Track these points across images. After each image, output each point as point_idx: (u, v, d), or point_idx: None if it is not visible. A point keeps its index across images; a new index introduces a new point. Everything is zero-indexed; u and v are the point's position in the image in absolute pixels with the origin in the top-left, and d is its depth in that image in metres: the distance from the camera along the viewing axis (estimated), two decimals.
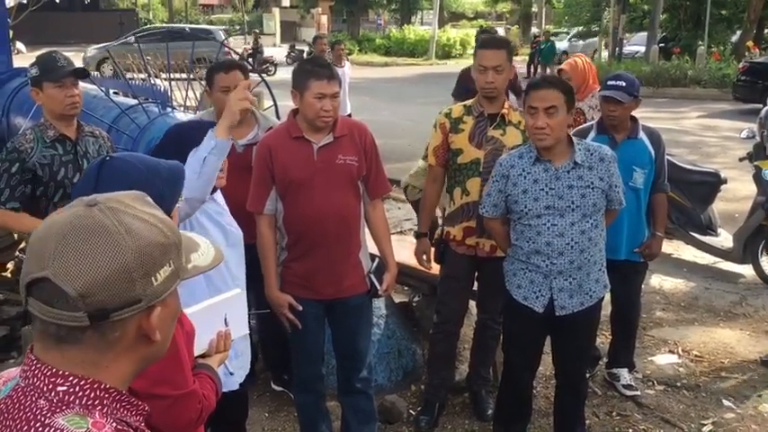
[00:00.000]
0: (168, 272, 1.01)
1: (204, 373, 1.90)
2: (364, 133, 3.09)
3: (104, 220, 0.96)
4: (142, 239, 0.98)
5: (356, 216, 3.09)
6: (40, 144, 3.12)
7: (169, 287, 1.02)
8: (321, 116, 2.89)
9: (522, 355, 3.22)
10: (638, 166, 3.71)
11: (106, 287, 0.94)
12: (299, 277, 3.03)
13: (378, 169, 3.14)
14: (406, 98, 17.43)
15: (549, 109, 2.84)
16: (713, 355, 4.50)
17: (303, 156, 2.96)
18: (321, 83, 2.87)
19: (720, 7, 24.00)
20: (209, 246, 1.20)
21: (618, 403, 3.93)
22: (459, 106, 3.60)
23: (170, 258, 1.02)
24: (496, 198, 3.06)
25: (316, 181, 2.95)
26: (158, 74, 8.08)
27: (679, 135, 12.26)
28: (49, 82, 3.09)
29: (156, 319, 1.01)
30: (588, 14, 29.58)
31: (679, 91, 18.16)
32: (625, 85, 3.67)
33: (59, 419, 0.94)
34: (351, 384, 3.24)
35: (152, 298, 0.99)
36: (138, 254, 0.97)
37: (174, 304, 1.08)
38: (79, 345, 0.98)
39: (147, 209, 1.03)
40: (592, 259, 3.01)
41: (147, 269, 0.98)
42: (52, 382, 0.97)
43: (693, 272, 6.02)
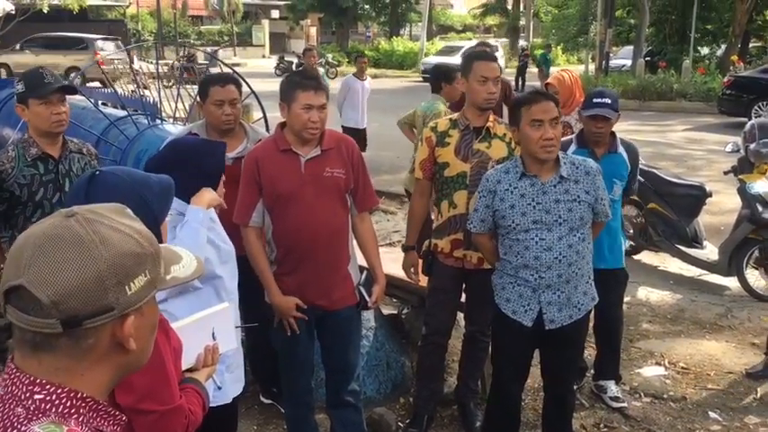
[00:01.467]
0: (143, 281, 1.04)
1: (191, 388, 1.90)
2: (351, 147, 3.12)
3: (79, 230, 0.99)
4: (116, 249, 1.00)
5: (344, 229, 3.10)
6: (21, 163, 3.07)
7: (144, 296, 1.04)
8: (308, 128, 2.91)
9: (511, 367, 3.24)
10: (617, 179, 3.79)
11: (78, 295, 0.97)
12: (290, 290, 3.03)
13: (365, 182, 3.16)
14: (394, 110, 17.42)
15: (554, 120, 2.88)
16: (699, 367, 4.53)
17: (291, 168, 2.97)
18: (308, 94, 2.89)
19: (705, 22, 24.32)
20: (191, 258, 1.22)
21: (605, 415, 3.94)
22: (445, 120, 3.63)
23: (145, 268, 1.04)
24: (484, 213, 3.08)
25: (304, 194, 2.96)
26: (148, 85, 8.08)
27: (665, 148, 12.37)
28: (34, 99, 3.03)
29: (131, 327, 1.03)
30: (575, 28, 29.84)
31: (665, 104, 18.33)
32: (610, 101, 3.73)
33: (35, 427, 0.96)
34: (340, 397, 3.24)
35: (125, 306, 1.01)
36: (111, 263, 0.99)
37: (152, 314, 1.10)
38: (54, 352, 1.00)
39: (124, 220, 1.06)
40: (579, 272, 3.03)
41: (121, 278, 1.00)
42: (30, 390, 0.99)
43: (679, 284, 6.07)
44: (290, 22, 44.44)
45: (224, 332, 2.13)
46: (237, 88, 3.52)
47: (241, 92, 3.60)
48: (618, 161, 3.83)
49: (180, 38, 35.28)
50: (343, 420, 3.28)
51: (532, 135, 2.89)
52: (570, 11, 31.00)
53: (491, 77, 3.41)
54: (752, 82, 15.15)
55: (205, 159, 2.58)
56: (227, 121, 3.43)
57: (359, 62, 10.02)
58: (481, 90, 3.42)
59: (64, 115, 3.11)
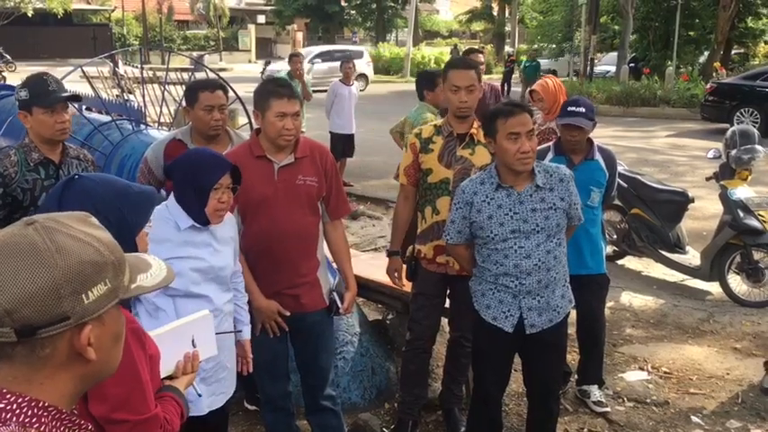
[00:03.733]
0: (103, 290, 1.02)
1: (169, 396, 1.89)
2: (325, 155, 3.15)
3: (36, 238, 0.99)
4: (73, 257, 0.99)
5: (315, 235, 3.13)
6: (23, 167, 3.06)
7: (104, 306, 1.03)
8: (282, 135, 2.93)
9: (492, 372, 3.25)
10: (594, 186, 3.82)
11: (32, 303, 0.96)
12: (263, 294, 3.04)
13: (338, 190, 3.19)
14: (381, 115, 17.50)
15: (529, 133, 2.90)
16: (682, 371, 4.57)
17: (264, 175, 2.98)
18: (281, 102, 2.91)
19: (689, 29, 24.56)
20: (161, 266, 1.21)
21: (589, 420, 3.97)
22: (429, 126, 3.64)
23: (105, 277, 1.03)
24: (461, 225, 3.09)
25: (276, 200, 2.98)
26: (132, 89, 8.05)
27: (649, 154, 12.47)
28: (39, 107, 3.02)
29: (88, 337, 1.01)
30: (560, 34, 30.02)
31: (648, 110, 18.48)
32: (585, 110, 3.76)
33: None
34: (317, 402, 3.27)
35: (82, 315, 1.00)
36: (66, 271, 0.98)
37: (114, 324, 1.08)
38: (11, 361, 0.99)
39: (85, 228, 1.05)
40: (557, 276, 3.06)
41: (77, 287, 0.99)
42: None
43: (662, 289, 6.12)
44: (277, 27, 44.45)
45: (204, 339, 2.13)
46: (225, 94, 3.53)
47: (228, 97, 3.59)
48: (595, 168, 3.87)
49: (165, 42, 35.16)
50: (323, 426, 3.30)
51: (509, 148, 2.91)
52: (555, 17, 31.16)
53: (463, 86, 3.41)
54: (734, 89, 15.31)
55: (199, 174, 2.58)
56: (216, 126, 3.43)
57: (345, 67, 10.01)
58: (453, 99, 3.45)
59: (67, 123, 3.11)
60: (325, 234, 3.20)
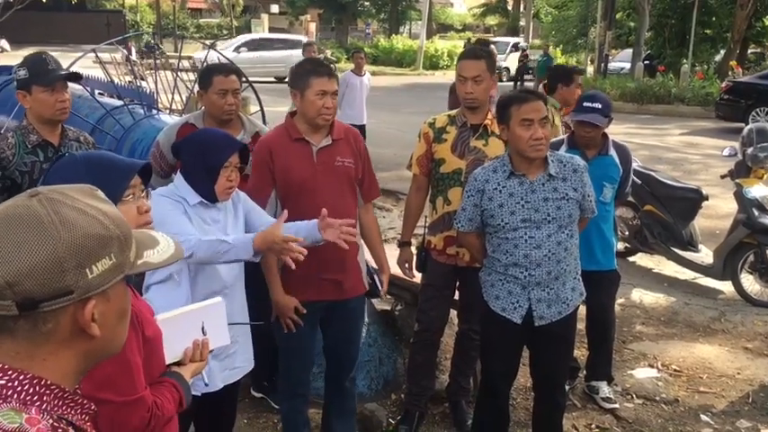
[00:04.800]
0: (108, 265, 0.99)
1: (168, 382, 1.86)
2: (357, 137, 3.17)
3: (39, 210, 0.96)
4: (77, 230, 0.97)
5: (355, 218, 3.12)
6: (21, 150, 3.02)
7: (108, 281, 1.00)
8: (322, 114, 2.93)
9: (500, 364, 3.22)
10: (607, 182, 3.77)
11: (33, 276, 0.93)
12: (300, 280, 3.02)
13: (370, 174, 3.22)
14: (392, 107, 17.47)
15: (543, 120, 2.87)
16: (692, 370, 4.52)
17: (303, 157, 2.98)
18: (322, 80, 2.91)
19: (705, 26, 24.34)
20: (169, 243, 1.17)
21: (597, 416, 3.94)
22: (443, 116, 3.61)
23: (110, 251, 1.00)
24: (472, 212, 3.06)
25: (316, 182, 2.97)
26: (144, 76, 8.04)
27: (662, 152, 12.38)
28: (38, 86, 2.98)
29: (92, 312, 0.99)
30: (575, 30, 29.82)
31: (663, 108, 18.34)
32: (600, 107, 3.70)
33: None
34: (340, 384, 3.29)
35: (86, 290, 0.97)
36: (70, 244, 0.95)
37: (120, 300, 1.05)
38: (13, 335, 0.96)
39: (91, 201, 1.02)
40: (568, 269, 3.02)
41: (81, 260, 0.96)
42: None
43: (674, 287, 6.07)
44: (290, 17, 44.37)
45: (215, 328, 2.08)
46: (239, 78, 3.50)
47: (242, 82, 3.57)
48: (608, 163, 3.81)
49: (179, 30, 35.18)
50: (339, 406, 3.32)
51: (522, 134, 2.88)
52: (570, 12, 30.96)
53: (469, 77, 3.38)
54: (750, 88, 15.17)
55: (208, 153, 2.56)
56: (229, 111, 3.41)
57: (356, 58, 9.98)
58: (460, 89, 3.42)
59: (67, 103, 3.07)
60: (358, 217, 3.20)
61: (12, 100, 5.29)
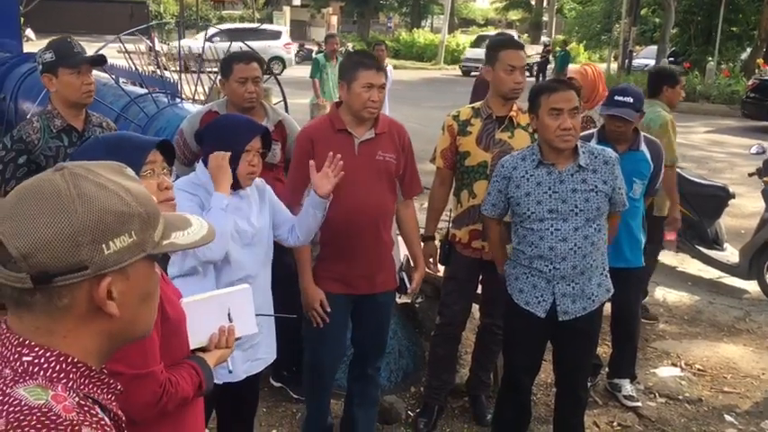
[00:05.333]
0: (127, 242, 0.97)
1: (187, 363, 1.85)
2: (403, 132, 3.15)
3: (60, 183, 0.95)
4: (95, 205, 0.95)
5: (392, 213, 3.15)
6: (46, 134, 3.02)
7: (127, 258, 0.97)
8: (368, 107, 2.91)
9: (523, 359, 3.19)
10: (637, 178, 3.69)
11: (48, 249, 0.92)
12: (333, 272, 3.02)
13: (413, 169, 3.19)
14: (413, 101, 17.43)
15: (573, 110, 2.82)
16: (716, 369, 4.46)
17: (345, 149, 2.94)
18: (370, 73, 2.90)
19: (732, 24, 24.01)
20: (202, 225, 1.14)
21: (619, 414, 3.89)
22: (467, 108, 3.57)
23: (130, 229, 0.97)
24: (495, 198, 3.05)
25: (357, 175, 2.94)
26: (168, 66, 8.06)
27: (686, 149, 12.22)
28: (65, 68, 2.97)
29: (106, 289, 0.96)
30: (599, 26, 29.57)
31: (687, 105, 18.06)
32: (632, 101, 3.62)
33: (20, 390, 0.92)
34: (365, 371, 3.30)
35: (101, 266, 0.95)
36: (86, 219, 0.94)
37: (142, 281, 1.02)
38: (31, 310, 0.96)
39: (115, 177, 1.00)
40: (594, 264, 2.98)
41: (97, 236, 0.94)
42: (18, 351, 0.95)
43: (698, 285, 5.99)
44: (312, 9, 44.40)
45: (242, 315, 2.06)
46: (260, 66, 3.48)
47: (263, 70, 3.55)
48: (639, 159, 3.73)
49: (201, 22, 35.32)
50: (362, 393, 3.33)
51: (550, 124, 2.84)
52: (594, 8, 30.71)
53: (518, 66, 3.35)
54: None
55: (230, 137, 2.55)
56: (250, 98, 3.40)
57: (377, 50, 9.89)
58: (508, 79, 3.36)
59: (92, 86, 3.07)
60: (397, 213, 3.20)
61: (37, 87, 5.34)
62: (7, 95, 5.95)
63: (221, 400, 2.70)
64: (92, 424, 0.92)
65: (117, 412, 1.04)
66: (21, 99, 5.76)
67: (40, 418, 0.88)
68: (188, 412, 1.88)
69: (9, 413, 0.88)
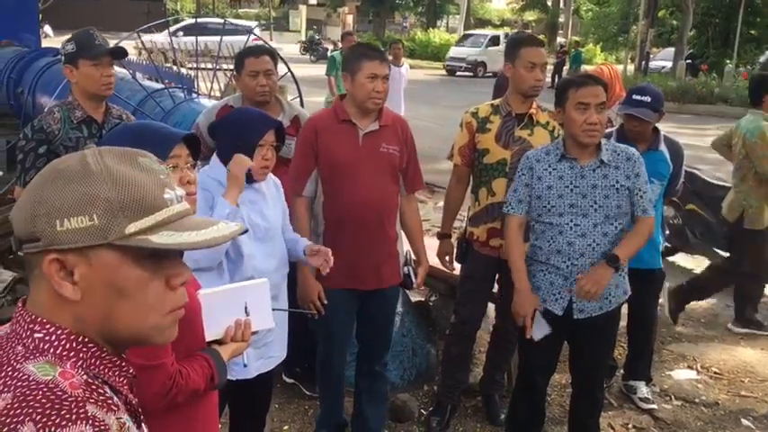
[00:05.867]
0: (84, 224, 0.93)
1: (200, 356, 1.83)
2: (405, 126, 3.15)
3: (64, 159, 0.99)
4: (62, 180, 0.94)
5: (396, 206, 3.14)
6: (67, 125, 3.03)
7: (80, 241, 0.93)
8: (372, 97, 2.91)
9: (539, 358, 3.16)
10: (656, 179, 3.63)
11: (19, 214, 0.96)
12: (339, 267, 3.00)
13: (415, 163, 3.19)
14: (428, 101, 17.41)
15: (600, 105, 2.80)
16: (733, 373, 4.41)
17: (349, 140, 2.96)
18: (373, 63, 2.90)
19: (750, 27, 23.82)
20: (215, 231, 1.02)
21: (634, 416, 3.85)
22: (486, 105, 3.55)
23: (92, 211, 0.93)
24: (522, 193, 2.98)
25: (360, 167, 2.95)
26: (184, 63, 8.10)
27: (704, 152, 12.07)
28: (86, 59, 2.98)
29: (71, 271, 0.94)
30: (616, 27, 29.41)
31: (704, 108, 17.99)
32: (650, 100, 3.57)
33: (29, 366, 0.92)
34: (371, 367, 3.29)
35: (51, 242, 0.93)
36: (49, 191, 0.94)
37: (107, 271, 0.95)
38: (32, 281, 0.98)
39: (111, 161, 0.96)
40: None
41: (50, 209, 0.93)
42: (30, 328, 0.96)
43: None
44: (328, 8, 44.47)
45: (259, 309, 2.03)
46: (273, 60, 3.47)
47: (276, 64, 3.54)
48: (658, 159, 3.67)
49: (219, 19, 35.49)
50: (370, 389, 3.33)
51: (576, 118, 2.82)
52: (611, 9, 30.58)
53: (539, 63, 3.33)
54: None
55: (244, 131, 2.54)
56: (262, 92, 3.39)
57: (393, 48, 9.93)
58: (528, 77, 3.33)
59: (113, 78, 3.07)
60: (400, 207, 3.19)
61: (55, 81, 5.38)
62: (25, 89, 6.01)
63: (234, 395, 2.69)
64: (97, 402, 0.91)
65: (129, 396, 1.02)
66: (39, 93, 5.81)
67: (45, 393, 0.88)
68: (200, 405, 1.87)
69: (16, 388, 0.89)
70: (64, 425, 0.86)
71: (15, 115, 6.44)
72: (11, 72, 6.40)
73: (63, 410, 0.87)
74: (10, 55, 6.83)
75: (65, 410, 0.87)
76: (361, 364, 3.35)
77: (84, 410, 0.88)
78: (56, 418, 0.86)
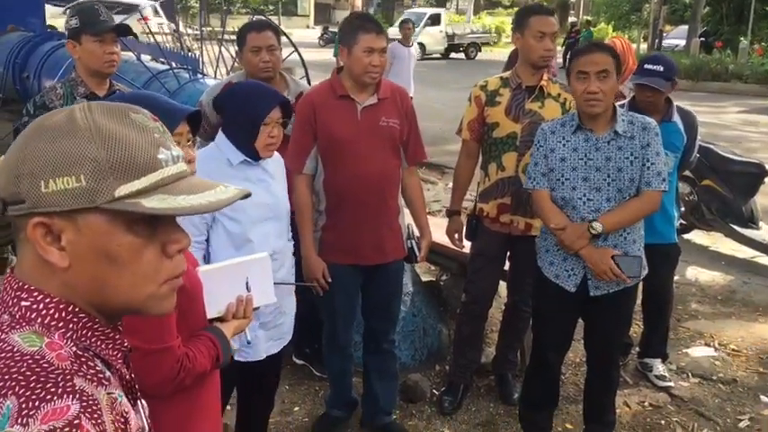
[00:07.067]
0: (71, 185, 0.86)
1: (206, 336, 1.79)
2: (405, 97, 3.07)
3: (55, 114, 0.91)
4: (47, 137, 0.87)
5: (397, 180, 3.08)
6: (69, 101, 2.95)
7: (66, 204, 0.86)
8: (369, 71, 2.84)
9: (552, 336, 3.09)
10: (670, 151, 3.52)
11: (2, 172, 0.89)
12: (341, 243, 2.95)
13: (416, 135, 3.12)
14: (437, 83, 17.28)
15: (601, 73, 2.69)
16: (751, 350, 4.32)
17: (347, 115, 2.90)
18: (370, 36, 2.82)
19: (765, 3, 23.40)
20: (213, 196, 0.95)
21: (650, 393, 3.78)
22: (495, 78, 3.45)
23: (79, 172, 0.86)
24: (545, 165, 2.87)
25: (359, 142, 2.89)
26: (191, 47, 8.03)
27: (719, 129, 11.96)
28: (89, 35, 2.90)
29: (58, 235, 0.87)
30: (628, 5, 29.03)
31: (719, 85, 17.74)
32: (663, 69, 3.47)
33: (15, 336, 0.86)
34: (379, 344, 3.26)
35: (35, 204, 0.86)
36: (33, 149, 0.86)
37: (97, 236, 0.88)
38: (18, 242, 0.91)
39: (101, 117, 0.89)
40: (629, 238, 2.86)
41: (35, 169, 0.85)
42: (17, 296, 0.89)
43: (731, 265, 5.82)
44: None
45: (260, 284, 1.99)
46: (276, 35, 3.39)
47: (279, 39, 3.45)
48: (672, 130, 3.56)
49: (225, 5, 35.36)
50: (380, 367, 3.29)
51: (577, 87, 2.74)
52: None
53: (548, 33, 3.23)
54: None
55: (249, 106, 2.47)
56: (265, 68, 3.31)
57: (403, 28, 9.82)
58: (537, 46, 3.23)
59: (116, 56, 2.99)
60: (402, 180, 3.13)
61: (59, 65, 5.33)
62: (31, 74, 5.97)
63: (243, 378, 2.65)
64: (86, 375, 0.85)
65: (123, 370, 0.96)
66: (44, 77, 5.77)
67: (30, 365, 0.82)
68: (204, 385, 1.82)
69: (0, 359, 0.83)
70: (49, 399, 0.79)
71: (21, 100, 6.41)
72: (16, 57, 6.36)
73: (48, 383, 0.81)
74: (15, 40, 6.79)
75: (50, 383, 0.81)
76: (368, 342, 3.31)
77: (72, 384, 0.82)
78: (40, 392, 0.80)
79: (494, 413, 3.60)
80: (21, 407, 0.78)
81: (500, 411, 3.60)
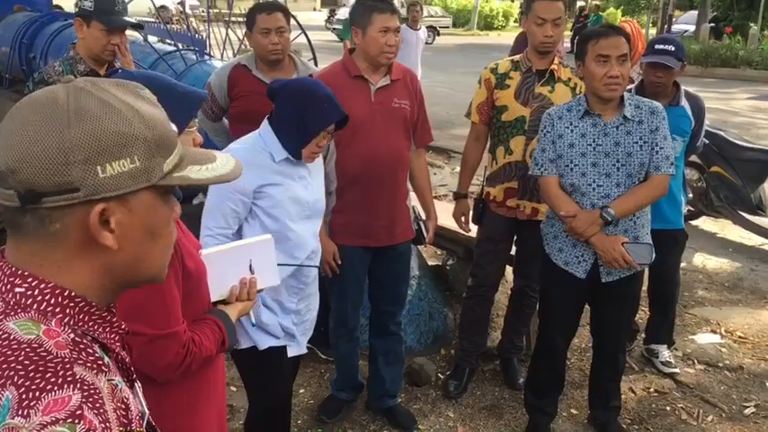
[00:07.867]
0: (128, 168, 0.86)
1: (211, 320, 1.78)
2: (414, 79, 3.08)
3: (60, 96, 0.86)
4: (93, 122, 0.85)
5: (408, 161, 3.08)
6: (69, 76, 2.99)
7: (126, 186, 0.87)
8: (385, 51, 2.83)
9: (559, 321, 3.08)
10: (678, 135, 3.49)
11: (35, 164, 0.82)
12: (352, 225, 2.94)
13: (424, 117, 3.12)
14: (445, 67, 17.18)
15: (621, 57, 2.66)
16: (758, 337, 4.31)
17: (361, 96, 2.89)
18: (385, 16, 2.81)
19: None
20: (227, 162, 1.01)
21: (655, 380, 3.77)
22: (506, 61, 3.42)
23: (132, 153, 0.87)
24: (552, 152, 2.84)
25: (373, 123, 2.88)
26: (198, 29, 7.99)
27: (728, 116, 11.86)
28: (99, 23, 2.93)
29: (111, 221, 0.87)
30: None
31: (728, 71, 17.58)
32: (674, 49, 3.44)
33: (10, 323, 0.83)
34: (386, 327, 3.26)
35: (94, 190, 0.84)
36: (80, 135, 0.83)
37: (146, 214, 0.91)
38: (24, 233, 0.87)
39: (126, 97, 0.89)
40: (639, 222, 2.84)
41: (90, 155, 0.84)
42: (11, 281, 0.87)
43: (739, 252, 5.79)
44: None
45: (264, 266, 1.98)
46: (285, 17, 3.36)
47: (289, 21, 3.43)
48: (680, 114, 3.53)
49: None
50: (386, 349, 3.30)
51: (597, 71, 2.69)
52: None
53: (550, 19, 3.17)
54: None
55: (309, 114, 2.34)
56: (274, 50, 3.28)
57: (411, 11, 9.74)
58: (538, 32, 3.19)
59: (120, 45, 3.05)
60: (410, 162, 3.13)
61: (66, 46, 5.29)
62: (37, 54, 5.93)
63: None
64: (86, 363, 0.83)
65: (121, 353, 0.95)
66: (50, 58, 5.73)
67: (28, 353, 0.80)
68: (208, 369, 1.82)
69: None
70: (49, 389, 0.78)
71: None
72: (23, 37, 6.32)
73: (48, 373, 0.79)
74: (21, 20, 6.74)
75: (50, 373, 0.79)
76: (375, 324, 3.31)
77: (72, 373, 0.80)
78: (40, 382, 0.78)
79: (499, 397, 3.60)
80: (21, 398, 0.76)
81: (505, 396, 3.60)
